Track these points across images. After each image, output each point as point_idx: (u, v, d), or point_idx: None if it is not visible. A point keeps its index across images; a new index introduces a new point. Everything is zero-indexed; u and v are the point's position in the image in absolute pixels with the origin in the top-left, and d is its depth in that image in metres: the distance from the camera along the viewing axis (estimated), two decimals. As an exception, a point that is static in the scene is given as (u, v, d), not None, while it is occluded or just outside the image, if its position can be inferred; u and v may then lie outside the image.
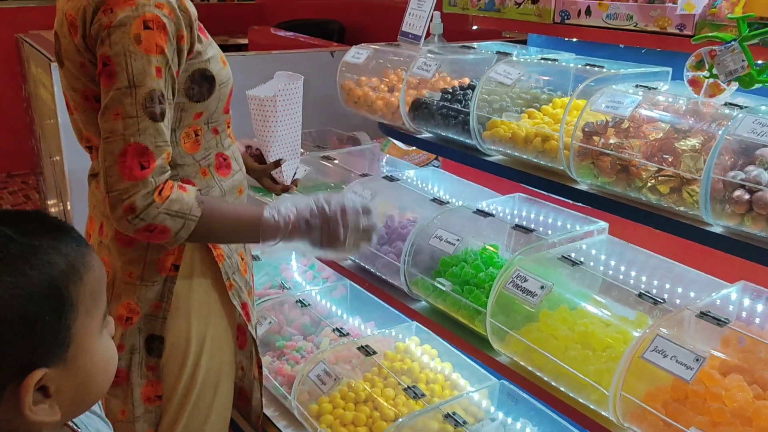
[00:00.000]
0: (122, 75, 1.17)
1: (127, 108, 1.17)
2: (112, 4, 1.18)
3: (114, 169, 1.18)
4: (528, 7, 1.95)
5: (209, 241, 1.40)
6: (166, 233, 1.23)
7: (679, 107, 1.52)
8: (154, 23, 1.18)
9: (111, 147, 1.18)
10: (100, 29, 1.19)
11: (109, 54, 1.17)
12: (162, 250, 1.37)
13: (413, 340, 2.06)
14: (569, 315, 1.61)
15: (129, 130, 1.18)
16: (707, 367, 1.32)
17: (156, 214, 1.20)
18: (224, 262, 1.43)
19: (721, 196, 1.33)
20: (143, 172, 1.18)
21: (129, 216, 1.19)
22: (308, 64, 3.63)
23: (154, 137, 1.20)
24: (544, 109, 1.80)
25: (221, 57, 1.38)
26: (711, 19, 1.56)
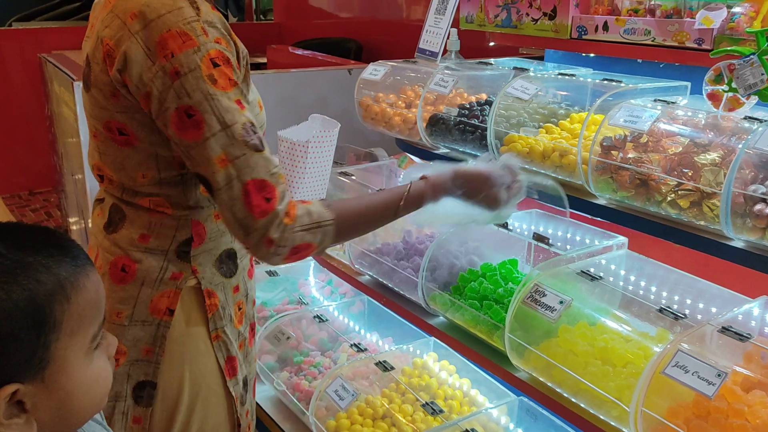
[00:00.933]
0: (211, 120, 1.12)
1: (230, 150, 1.13)
2: (171, 47, 1.11)
3: (244, 212, 1.14)
4: (545, 23, 1.95)
5: (362, 233, 1.38)
6: (310, 247, 1.20)
7: (699, 121, 1.52)
8: (220, 59, 1.14)
9: (232, 194, 1.14)
10: (166, 78, 1.12)
11: (191, 103, 1.11)
12: (156, 292, 1.30)
13: (431, 356, 2.06)
14: (589, 330, 1.60)
15: (241, 170, 1.13)
16: (729, 383, 1.30)
17: (293, 236, 1.16)
18: (215, 313, 1.35)
19: (742, 210, 1.32)
20: (269, 204, 1.14)
21: (272, 249, 1.15)
22: (326, 82, 3.67)
23: (266, 167, 1.15)
24: (562, 124, 1.80)
25: (259, 101, 1.34)
26: (729, 33, 1.56)
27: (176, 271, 1.30)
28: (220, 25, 1.16)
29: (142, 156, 1.24)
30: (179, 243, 1.30)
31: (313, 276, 2.58)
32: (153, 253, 1.29)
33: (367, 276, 2.05)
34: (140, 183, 1.26)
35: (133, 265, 1.29)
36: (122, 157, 1.25)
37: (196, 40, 1.12)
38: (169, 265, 1.30)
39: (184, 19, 1.12)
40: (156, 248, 1.29)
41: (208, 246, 1.33)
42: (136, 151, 1.23)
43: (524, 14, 2.00)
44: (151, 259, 1.29)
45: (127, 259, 1.29)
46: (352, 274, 2.07)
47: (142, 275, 1.29)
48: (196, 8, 1.14)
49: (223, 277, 1.36)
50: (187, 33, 1.12)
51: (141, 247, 1.29)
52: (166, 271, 1.30)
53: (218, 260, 1.35)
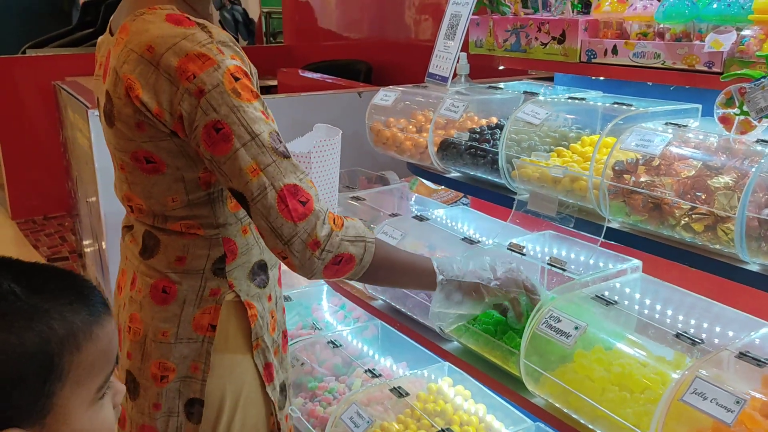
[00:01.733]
0: (240, 131, 1.16)
1: (261, 158, 1.16)
2: (191, 69, 1.15)
3: (281, 221, 1.17)
4: (554, 47, 1.97)
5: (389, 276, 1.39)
6: (351, 261, 1.23)
7: (711, 144, 1.52)
8: (240, 72, 1.19)
9: (267, 203, 1.17)
10: (192, 99, 1.15)
11: (218, 118, 1.15)
12: (197, 309, 1.34)
13: (446, 381, 2.05)
14: (605, 355, 1.59)
15: (274, 177, 1.17)
16: (749, 408, 1.29)
17: (339, 242, 1.20)
18: (257, 323, 1.40)
19: (757, 233, 1.32)
20: (307, 206, 1.18)
21: (317, 252, 1.18)
22: (336, 105, 3.70)
23: (296, 172, 1.20)
24: (573, 148, 1.80)
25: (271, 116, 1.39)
26: (739, 56, 1.56)
27: (214, 287, 1.35)
28: (232, 43, 1.22)
29: (170, 181, 1.27)
30: (214, 261, 1.34)
31: (326, 301, 2.58)
32: (190, 273, 1.34)
33: (380, 300, 2.05)
34: (170, 207, 1.30)
35: (173, 286, 1.34)
36: (150, 184, 1.29)
37: (215, 59, 1.16)
38: (207, 283, 1.34)
39: (199, 42, 1.17)
40: (193, 269, 1.34)
41: (240, 260, 1.37)
42: (164, 177, 1.27)
43: (533, 38, 2.02)
44: (189, 279, 1.34)
45: (166, 281, 1.35)
46: (365, 298, 2.07)
47: (183, 295, 1.34)
48: (207, 32, 1.19)
49: (258, 287, 1.40)
50: (204, 54, 1.16)
51: (179, 269, 1.34)
52: (204, 289, 1.35)
53: (251, 272, 1.39)
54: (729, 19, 1.61)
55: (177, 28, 1.18)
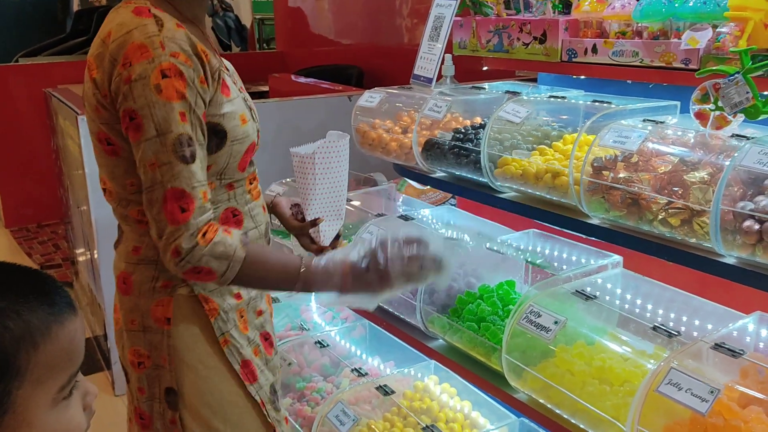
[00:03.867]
0: (149, 125, 1.22)
1: (160, 156, 1.22)
2: (130, 57, 1.23)
3: (161, 216, 1.23)
4: (536, 47, 1.99)
5: (256, 286, 1.41)
6: (212, 275, 1.26)
7: (687, 140, 1.54)
8: (171, 71, 1.22)
9: (154, 195, 1.24)
10: (120, 83, 1.23)
11: (134, 108, 1.22)
12: (152, 301, 1.38)
13: (432, 379, 2.06)
14: (586, 350, 1.61)
15: (165, 176, 1.22)
16: (726, 399, 1.31)
17: (200, 257, 1.23)
18: (217, 317, 1.39)
19: (732, 226, 1.33)
20: (184, 215, 1.22)
21: (176, 259, 1.22)
22: (326, 109, 3.72)
23: (189, 179, 1.23)
24: (555, 146, 1.82)
25: (242, 115, 1.38)
26: (715, 52, 1.58)
27: (166, 279, 1.36)
28: (182, 41, 1.25)
29: (127, 164, 1.31)
30: None
31: (314, 302, 2.60)
32: (143, 263, 1.37)
33: (367, 300, 2.06)
34: (129, 191, 1.34)
35: (129, 276, 1.39)
36: (112, 166, 1.34)
37: (152, 52, 1.22)
38: (160, 275, 1.36)
39: (146, 34, 1.23)
40: (146, 258, 1.37)
41: None
42: (121, 159, 1.32)
43: (515, 39, 2.04)
44: (143, 270, 1.38)
45: (125, 272, 1.40)
46: (353, 298, 2.08)
47: (137, 286, 1.38)
48: (159, 25, 1.25)
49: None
50: (145, 45, 1.22)
51: (134, 258, 1.38)
52: (157, 280, 1.37)
53: None
54: (705, 17, 1.63)
55: (135, 19, 1.25)
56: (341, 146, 1.54)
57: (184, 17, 1.33)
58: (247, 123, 1.39)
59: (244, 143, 1.38)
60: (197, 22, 1.38)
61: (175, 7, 1.33)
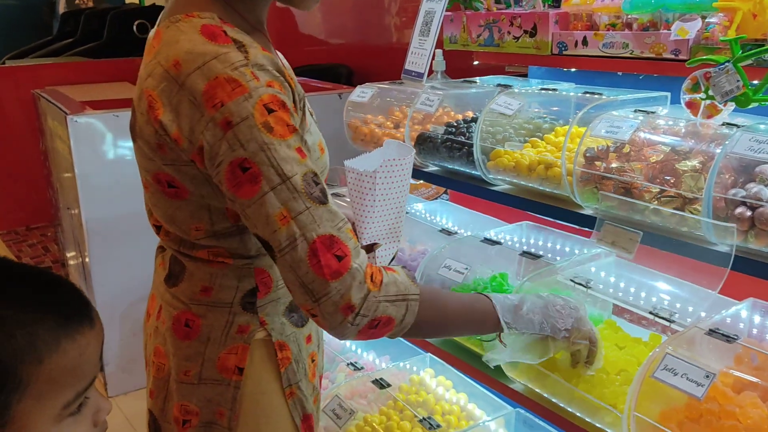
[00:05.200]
0: (269, 172, 1.01)
1: (292, 204, 1.01)
2: (219, 96, 1.00)
3: (312, 276, 1.01)
4: (526, 40, 2.00)
5: (439, 330, 1.25)
6: (390, 324, 1.07)
7: (678, 129, 1.55)
8: (275, 103, 1.03)
9: (297, 255, 1.01)
10: (216, 130, 1.01)
11: (245, 155, 1.00)
12: (222, 348, 1.19)
13: (428, 372, 2.07)
14: (582, 339, 1.61)
15: (306, 227, 1.01)
16: (720, 384, 1.32)
17: (377, 305, 1.03)
18: (288, 367, 1.23)
19: (724, 214, 1.35)
20: (343, 262, 1.02)
21: (350, 317, 1.01)
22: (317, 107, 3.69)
23: (333, 222, 1.03)
24: (547, 138, 1.83)
25: (320, 143, 1.21)
26: (705, 42, 1.60)
27: (243, 323, 1.20)
28: (271, 67, 1.06)
29: (194, 208, 1.14)
30: (244, 294, 1.20)
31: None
32: (217, 306, 1.20)
33: (361, 295, 2.06)
34: (194, 236, 1.17)
35: (197, 319, 1.20)
36: (173, 209, 1.16)
37: (247, 85, 1.01)
38: (235, 318, 1.19)
39: (231, 64, 1.02)
40: (219, 301, 1.20)
41: (275, 295, 1.22)
42: (188, 203, 1.14)
43: (506, 33, 2.05)
44: (215, 313, 1.20)
45: (190, 313, 1.20)
46: (347, 293, 2.09)
47: (207, 331, 1.20)
48: (244, 51, 1.04)
49: (294, 326, 1.24)
50: (235, 79, 1.01)
51: (204, 301, 1.20)
52: (232, 325, 1.20)
53: (288, 309, 1.24)
54: (694, 7, 1.64)
55: (209, 45, 1.04)
56: (406, 163, 1.35)
57: (250, 26, 1.15)
58: (324, 151, 1.23)
59: (323, 175, 1.21)
60: (263, 29, 1.20)
61: (241, 14, 1.14)
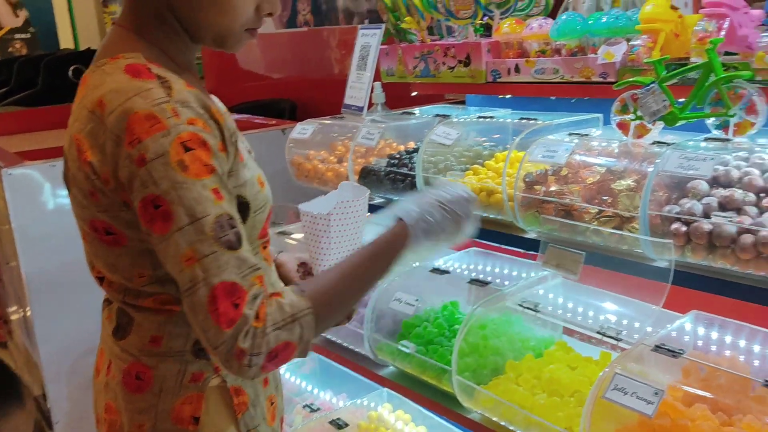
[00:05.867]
0: (179, 212, 0.99)
1: (199, 247, 0.99)
2: (137, 132, 1.00)
3: (209, 323, 0.99)
4: (461, 70, 2.03)
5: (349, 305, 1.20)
6: (290, 348, 1.03)
7: (612, 150, 1.59)
8: (194, 141, 1.01)
9: (197, 299, 0.99)
10: (132, 167, 1.00)
11: (158, 193, 0.99)
12: (176, 399, 1.16)
13: (386, 407, 2.04)
14: (535, 363, 1.62)
15: (209, 271, 0.99)
16: (671, 399, 1.34)
17: (266, 339, 1.00)
18: (245, 413, 1.21)
19: (661, 230, 1.38)
20: (237, 310, 0.99)
21: (245, 360, 0.99)
22: (260, 144, 3.67)
23: (239, 268, 1.01)
24: (488, 164, 1.85)
25: (259, 178, 1.20)
26: (631, 65, 1.65)
27: (196, 371, 1.17)
28: (195, 104, 1.05)
29: (134, 254, 1.11)
30: (195, 341, 1.16)
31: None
32: (168, 356, 1.17)
33: (314, 333, 2.03)
34: (138, 283, 1.14)
35: (147, 371, 1.17)
36: (114, 257, 1.13)
37: (165, 122, 1.00)
38: (188, 367, 1.16)
39: (153, 100, 1.01)
40: (170, 350, 1.16)
41: None
42: (128, 250, 1.11)
43: (441, 63, 2.08)
44: (166, 362, 1.16)
45: (140, 365, 1.17)
46: (299, 333, 2.05)
47: (160, 382, 1.16)
48: (167, 87, 1.04)
49: None
50: (155, 115, 1.00)
51: (154, 351, 1.17)
52: (185, 373, 1.17)
53: None
54: (618, 31, 1.70)
55: (133, 81, 1.03)
56: (360, 204, 1.36)
57: (179, 67, 1.14)
58: (264, 185, 1.21)
59: (266, 210, 1.21)
60: (192, 69, 1.18)
61: (169, 56, 1.13)
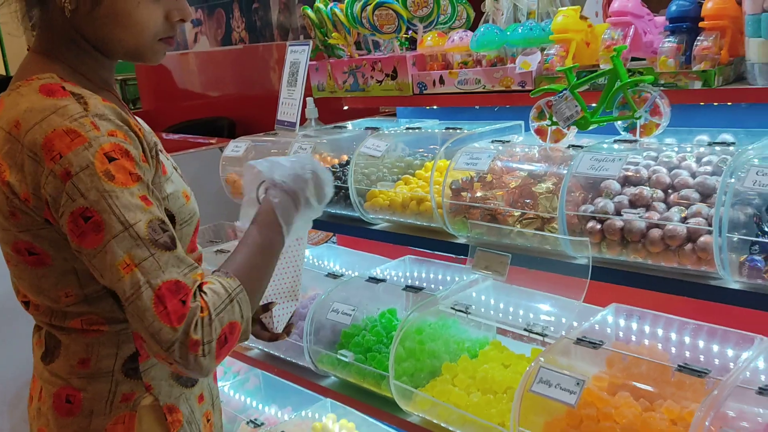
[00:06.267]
0: (111, 220, 1.00)
1: (136, 252, 1.00)
2: (58, 148, 1.00)
3: (159, 325, 0.99)
4: (389, 83, 2.09)
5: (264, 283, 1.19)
6: (235, 328, 1.06)
7: (532, 155, 1.66)
8: (117, 152, 1.03)
9: (142, 303, 1.00)
10: (56, 182, 1.00)
11: (86, 204, 1.00)
12: (108, 420, 1.16)
13: (330, 418, 2.06)
14: (470, 364, 1.68)
15: (151, 273, 1.00)
16: (596, 389, 1.40)
17: (214, 324, 1.02)
18: (179, 430, 1.20)
19: (578, 229, 1.45)
20: (185, 306, 1.01)
21: (200, 350, 1.00)
22: (198, 163, 3.68)
23: (178, 267, 1.03)
24: (418, 174, 1.91)
25: (185, 192, 1.21)
26: (546, 73, 1.73)
27: (127, 391, 1.16)
28: (113, 117, 1.06)
29: (59, 273, 1.11)
30: (124, 360, 1.16)
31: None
32: (97, 377, 1.16)
33: (256, 349, 2.04)
34: (65, 303, 1.13)
35: (77, 394, 1.16)
36: (38, 278, 1.12)
37: (86, 135, 1.01)
38: (118, 387, 1.16)
39: (71, 116, 1.02)
40: (99, 371, 1.16)
41: None
42: (52, 270, 1.11)
43: (369, 77, 2.13)
44: (96, 384, 1.16)
45: (69, 388, 1.16)
46: (241, 350, 2.06)
47: (90, 404, 1.16)
48: (83, 103, 1.04)
49: (183, 387, 1.22)
50: (74, 130, 1.01)
51: (83, 373, 1.16)
52: (115, 394, 1.16)
53: None
54: (533, 42, 1.78)
55: (47, 100, 1.03)
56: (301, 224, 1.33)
57: (96, 86, 1.14)
58: (190, 199, 1.22)
59: (192, 223, 1.22)
60: (109, 87, 1.19)
61: (84, 75, 1.13)
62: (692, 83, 1.48)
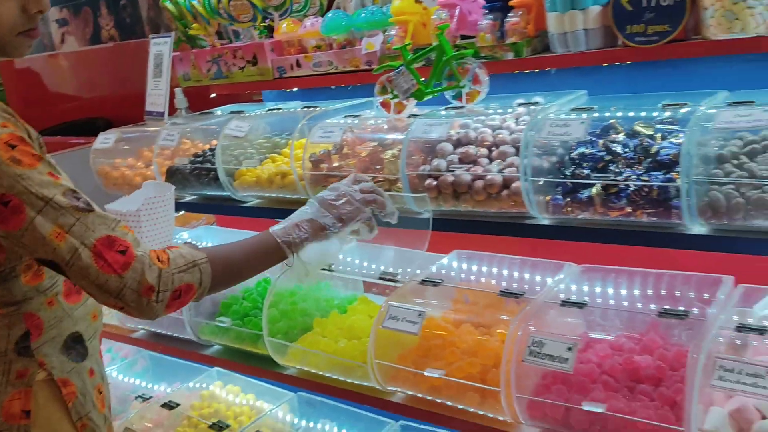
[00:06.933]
0: (31, 199, 1.08)
1: (62, 220, 1.09)
2: None
3: (104, 277, 1.09)
4: (250, 69, 2.22)
5: (235, 277, 1.31)
6: (191, 290, 1.17)
7: (381, 126, 1.85)
8: (15, 139, 1.11)
9: (83, 263, 1.09)
10: None
11: (2, 191, 1.08)
12: (5, 396, 1.23)
13: (217, 385, 2.19)
14: (339, 318, 1.86)
15: (83, 236, 1.10)
16: (443, 323, 1.62)
17: (172, 278, 1.13)
18: (75, 401, 1.28)
19: (419, 187, 1.65)
20: (127, 254, 1.11)
21: (153, 296, 1.11)
22: (73, 164, 3.62)
23: (105, 224, 1.12)
24: (284, 152, 2.06)
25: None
26: (389, 52, 1.92)
27: (21, 368, 1.23)
28: (1, 111, 1.14)
29: None
30: (16, 340, 1.24)
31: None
32: None
33: (141, 331, 2.13)
34: None
35: None
36: None
37: None
38: (12, 366, 1.23)
39: None
40: None
41: (49, 335, 1.27)
42: None
43: (231, 65, 2.25)
44: None
45: None
46: (126, 333, 2.14)
47: None
48: None
49: (73, 362, 1.29)
50: None
51: None
52: (9, 372, 1.23)
53: (64, 346, 1.28)
54: (376, 24, 1.97)
55: None
56: (166, 199, 1.48)
57: None
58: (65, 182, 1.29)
59: None
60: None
61: None
62: (506, 54, 1.72)
